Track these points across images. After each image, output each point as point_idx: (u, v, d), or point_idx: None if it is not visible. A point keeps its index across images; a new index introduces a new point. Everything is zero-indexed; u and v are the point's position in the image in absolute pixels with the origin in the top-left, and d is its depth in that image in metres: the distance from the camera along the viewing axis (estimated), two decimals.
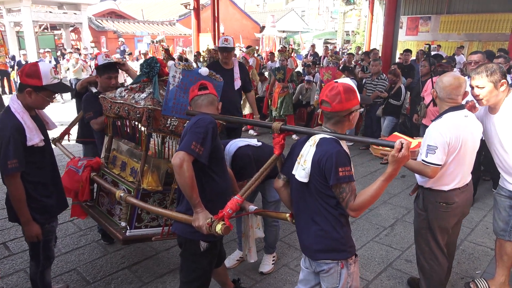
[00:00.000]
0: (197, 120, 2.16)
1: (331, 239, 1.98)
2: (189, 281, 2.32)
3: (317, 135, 1.95)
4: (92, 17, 21.30)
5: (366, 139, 2.09)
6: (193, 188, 2.03)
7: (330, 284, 2.04)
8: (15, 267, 3.33)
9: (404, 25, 16.18)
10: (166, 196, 2.91)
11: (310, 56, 14.10)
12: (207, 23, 15.77)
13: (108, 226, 2.93)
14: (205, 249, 2.23)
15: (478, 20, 14.54)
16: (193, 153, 2.03)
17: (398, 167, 1.76)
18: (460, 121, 2.46)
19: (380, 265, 3.48)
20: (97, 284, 3.13)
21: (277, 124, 2.20)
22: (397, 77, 6.52)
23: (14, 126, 2.28)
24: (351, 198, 1.85)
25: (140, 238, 2.88)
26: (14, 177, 2.29)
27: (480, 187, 5.03)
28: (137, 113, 2.65)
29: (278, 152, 2.20)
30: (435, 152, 2.40)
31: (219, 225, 1.98)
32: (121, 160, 3.11)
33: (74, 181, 3.09)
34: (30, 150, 2.35)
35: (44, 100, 2.41)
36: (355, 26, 27.26)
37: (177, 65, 2.63)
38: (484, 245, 3.83)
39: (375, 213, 4.53)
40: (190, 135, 2.09)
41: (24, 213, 2.37)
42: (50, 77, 2.33)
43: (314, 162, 1.90)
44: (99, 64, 3.47)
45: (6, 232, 3.96)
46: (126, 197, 2.68)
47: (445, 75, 2.57)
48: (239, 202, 2.11)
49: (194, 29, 14.84)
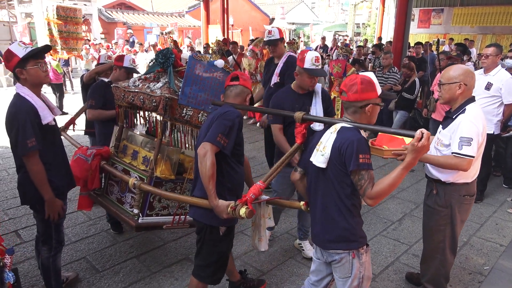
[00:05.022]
0: (226, 112, 2.27)
1: (342, 229, 1.99)
2: (208, 264, 2.43)
3: (338, 124, 1.97)
4: (102, 9, 21.36)
5: (387, 129, 2.04)
6: (212, 178, 2.14)
7: (342, 274, 2.05)
8: (26, 255, 3.40)
9: (416, 18, 15.93)
10: (177, 185, 2.94)
11: (320, 49, 13.96)
12: (216, 15, 15.72)
13: (119, 213, 2.97)
14: (224, 233, 2.36)
15: (492, 13, 14.25)
16: (218, 145, 2.17)
17: (417, 157, 1.75)
18: (481, 111, 2.49)
19: (387, 259, 3.47)
20: (106, 273, 3.19)
21: (299, 114, 2.24)
22: (411, 70, 6.44)
23: (27, 107, 2.36)
24: (369, 186, 1.85)
25: (152, 226, 2.93)
26: (34, 156, 2.37)
27: (490, 183, 4.97)
28: (153, 101, 2.67)
29: (300, 141, 2.25)
30: (470, 144, 2.36)
31: (243, 209, 2.06)
32: (132, 149, 3.14)
33: (83, 170, 3.11)
34: (44, 130, 2.42)
35: (36, 70, 2.41)
36: (366, 19, 26.95)
37: (194, 56, 2.67)
38: (493, 241, 3.79)
39: (383, 207, 4.51)
40: (217, 127, 2.20)
41: (47, 189, 2.45)
42: (22, 49, 2.38)
43: (334, 148, 1.91)
44: (124, 66, 3.54)
45: (17, 220, 4.04)
46: (140, 185, 2.72)
47: (462, 66, 2.56)
48: (261, 188, 2.19)
49: (203, 20, 14.81)
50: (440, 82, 2.55)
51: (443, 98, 2.55)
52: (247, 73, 8.04)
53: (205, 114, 2.75)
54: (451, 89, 2.48)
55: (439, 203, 2.64)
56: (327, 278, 2.22)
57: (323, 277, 2.22)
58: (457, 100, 2.51)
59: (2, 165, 5.76)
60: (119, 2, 25.15)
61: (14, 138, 2.35)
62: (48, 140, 2.48)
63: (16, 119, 2.33)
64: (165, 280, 3.10)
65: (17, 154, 2.43)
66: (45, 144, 2.43)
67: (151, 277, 3.14)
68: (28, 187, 2.47)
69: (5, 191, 4.78)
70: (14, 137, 2.35)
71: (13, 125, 2.34)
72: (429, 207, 2.72)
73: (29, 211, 3.98)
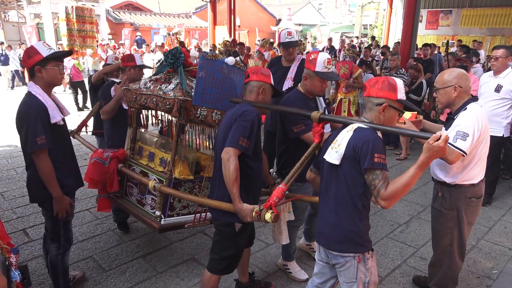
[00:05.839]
0: (244, 112, 2.28)
1: (349, 231, 1.97)
2: (223, 258, 2.46)
3: (355, 123, 1.97)
4: (109, 9, 21.52)
5: (404, 130, 1.98)
6: (236, 181, 2.18)
7: (347, 279, 2.02)
8: (34, 253, 3.43)
9: (423, 19, 15.83)
10: (195, 184, 2.95)
11: (327, 50, 13.94)
12: (223, 16, 15.77)
13: (142, 216, 2.99)
14: (239, 229, 2.39)
15: (501, 14, 14.12)
16: (241, 148, 2.21)
17: (431, 157, 1.72)
18: (483, 110, 2.49)
19: (394, 261, 3.44)
20: (113, 272, 3.20)
21: (316, 114, 2.24)
22: (418, 72, 6.40)
23: (38, 106, 2.40)
24: (383, 186, 1.81)
25: (174, 226, 2.94)
26: (43, 153, 2.40)
27: (499, 186, 4.91)
28: (166, 104, 2.67)
29: (317, 141, 2.24)
30: (465, 140, 2.36)
31: (268, 213, 2.06)
32: (148, 150, 3.15)
33: (101, 173, 3.13)
34: (53, 129, 2.46)
35: (55, 72, 2.48)
36: (373, 20, 26.85)
37: (205, 55, 2.66)
38: (501, 245, 3.75)
39: (390, 209, 4.47)
40: (237, 129, 2.22)
41: (55, 187, 2.48)
42: (46, 49, 2.44)
43: (349, 145, 1.89)
44: (138, 65, 3.56)
45: (25, 219, 4.07)
46: (161, 187, 2.73)
47: (455, 69, 2.57)
48: (284, 191, 2.18)
49: (210, 21, 14.84)
50: (436, 88, 2.55)
51: (441, 103, 2.56)
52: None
53: (218, 113, 2.73)
54: (447, 93, 2.49)
55: (445, 205, 2.61)
56: (331, 280, 2.20)
57: (327, 280, 2.20)
58: (455, 103, 2.51)
59: (10, 164, 5.81)
60: (126, 3, 25.34)
61: (24, 135, 2.38)
62: (56, 139, 2.51)
63: (27, 117, 2.37)
64: (171, 280, 3.11)
65: (26, 152, 2.46)
66: (53, 143, 2.46)
67: (157, 277, 3.15)
68: (37, 184, 2.50)
69: (13, 190, 4.83)
70: (24, 134, 2.38)
71: (24, 122, 2.38)
72: (436, 210, 2.70)
73: (37, 209, 4.02)
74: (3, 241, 1.93)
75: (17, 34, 18.43)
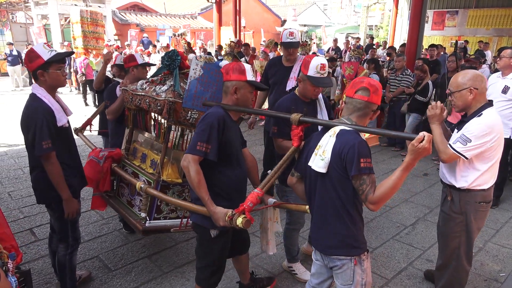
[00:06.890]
0: (204, 117, 2.24)
1: (343, 235, 1.96)
2: (202, 267, 2.42)
3: (337, 126, 1.94)
4: (115, 10, 21.63)
5: (387, 131, 2.01)
6: (200, 188, 2.13)
7: (344, 281, 2.02)
8: (41, 253, 3.45)
9: (430, 20, 15.74)
10: (185, 188, 2.95)
11: (332, 51, 13.91)
12: (228, 17, 15.78)
13: (128, 216, 3.00)
14: (215, 235, 2.32)
15: (508, 15, 14.01)
16: (199, 153, 2.13)
17: (417, 158, 1.72)
18: (498, 118, 2.44)
19: (400, 263, 3.42)
20: (118, 272, 3.21)
21: (296, 116, 2.18)
22: (424, 73, 6.37)
23: (44, 109, 2.40)
24: (371, 191, 1.81)
25: (159, 229, 2.93)
26: (50, 157, 2.40)
27: (506, 188, 4.87)
28: (158, 105, 2.68)
29: (296, 144, 2.19)
30: (466, 144, 2.34)
31: (240, 218, 1.99)
32: (141, 151, 3.16)
33: (96, 172, 3.17)
34: (59, 131, 2.46)
35: (57, 74, 2.47)
36: (378, 21, 26.73)
37: (198, 58, 2.65)
38: (509, 247, 3.71)
39: (396, 211, 4.46)
40: (195, 135, 2.19)
41: (65, 189, 2.49)
42: (47, 51, 2.42)
43: (334, 152, 1.87)
44: (140, 64, 3.59)
45: (32, 218, 4.10)
46: (146, 188, 2.73)
47: (470, 71, 2.51)
48: (259, 195, 2.12)
49: (216, 22, 14.88)
50: (450, 91, 2.49)
51: (457, 106, 2.49)
52: (259, 75, 8.03)
53: None
54: (462, 96, 2.42)
55: (454, 209, 2.58)
56: (328, 281, 2.20)
57: (324, 280, 2.20)
58: (471, 106, 2.45)
59: (17, 163, 5.86)
60: (132, 4, 25.45)
61: (31, 139, 2.38)
62: (62, 141, 2.52)
63: (33, 121, 2.36)
64: (176, 281, 3.11)
65: (32, 155, 2.47)
66: (59, 145, 2.46)
67: (162, 277, 3.16)
68: (44, 186, 2.51)
69: (20, 190, 4.86)
70: (30, 138, 2.38)
71: (30, 126, 2.37)
72: (445, 214, 2.67)
73: (44, 209, 4.04)
74: (8, 243, 1.95)
75: (25, 35, 18.55)
